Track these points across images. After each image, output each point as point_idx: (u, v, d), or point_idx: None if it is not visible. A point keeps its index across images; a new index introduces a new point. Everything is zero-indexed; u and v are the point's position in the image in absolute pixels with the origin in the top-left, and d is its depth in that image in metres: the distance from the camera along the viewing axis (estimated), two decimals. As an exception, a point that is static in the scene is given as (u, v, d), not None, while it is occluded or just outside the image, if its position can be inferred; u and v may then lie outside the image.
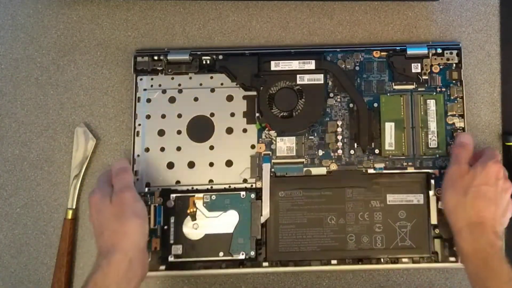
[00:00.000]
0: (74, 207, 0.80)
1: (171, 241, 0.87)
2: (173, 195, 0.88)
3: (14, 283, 0.81)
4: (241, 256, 0.86)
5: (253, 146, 0.91)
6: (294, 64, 0.93)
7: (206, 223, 0.88)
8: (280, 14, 0.90)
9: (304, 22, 0.90)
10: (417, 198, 0.87)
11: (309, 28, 0.91)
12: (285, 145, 0.92)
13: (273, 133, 0.92)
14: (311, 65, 0.92)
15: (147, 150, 0.90)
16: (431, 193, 0.87)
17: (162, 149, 0.91)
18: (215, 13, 0.86)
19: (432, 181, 0.88)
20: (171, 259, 0.85)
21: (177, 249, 0.86)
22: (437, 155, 0.90)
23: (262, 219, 0.88)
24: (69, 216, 0.80)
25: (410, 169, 0.89)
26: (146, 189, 0.88)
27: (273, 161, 0.91)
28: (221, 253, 0.87)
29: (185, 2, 0.87)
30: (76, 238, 0.80)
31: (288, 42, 0.91)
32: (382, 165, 0.91)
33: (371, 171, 0.90)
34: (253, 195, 0.89)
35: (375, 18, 0.91)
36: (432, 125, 0.90)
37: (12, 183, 0.81)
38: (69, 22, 0.81)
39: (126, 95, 0.83)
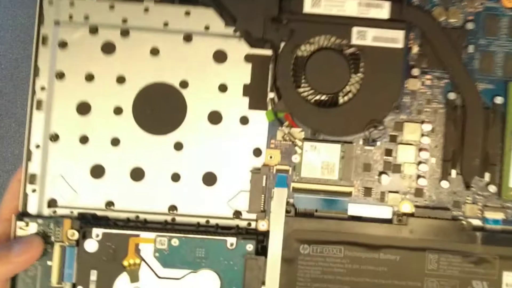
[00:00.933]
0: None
1: None
2: (98, 230, 0.58)
3: None
4: None
5: (257, 153, 0.59)
6: (350, 7, 0.57)
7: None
8: None
9: None
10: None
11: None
12: (320, 157, 0.59)
13: (298, 131, 0.59)
14: (382, 11, 0.57)
15: (54, 138, 0.60)
16: None
17: (84, 140, 0.59)
18: None
19: None
20: None
21: None
22: None
23: None
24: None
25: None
26: (48, 212, 0.59)
27: (294, 184, 0.59)
28: None
29: None
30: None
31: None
32: (500, 215, 0.59)
33: (477, 223, 0.59)
34: (250, 246, 0.58)
35: None
36: None
37: None
38: None
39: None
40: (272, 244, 0.57)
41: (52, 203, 0.59)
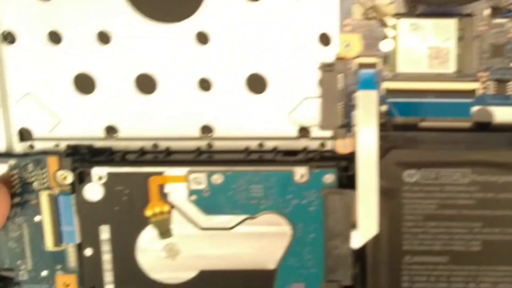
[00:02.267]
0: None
1: (108, 286, 0.43)
2: (100, 170, 0.41)
3: None
4: None
5: (326, 40, 0.40)
6: None
7: (201, 243, 0.42)
8: None
9: None
10: None
11: None
12: (425, 41, 0.40)
13: (386, 3, 0.40)
14: None
15: (10, 37, 0.42)
16: None
17: (55, 38, 0.41)
18: None
19: None
20: None
21: None
22: None
23: (359, 239, 0.41)
24: None
25: None
26: (22, 147, 0.42)
27: (386, 84, 0.41)
28: None
29: None
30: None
31: None
32: None
33: None
34: (329, 177, 0.41)
35: None
36: None
37: None
38: None
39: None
40: (362, 172, 0.40)
41: (25, 135, 0.43)
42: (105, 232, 0.42)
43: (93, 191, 0.41)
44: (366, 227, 0.41)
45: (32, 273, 0.43)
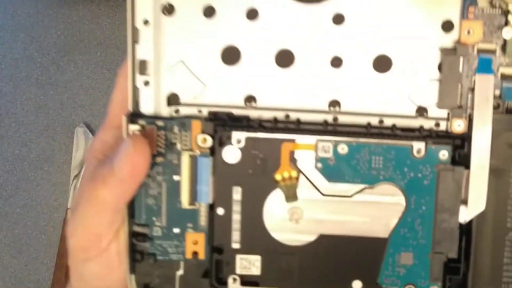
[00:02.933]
0: (74, 207, 0.66)
1: (235, 245, 0.45)
2: (240, 134, 0.44)
3: (14, 283, 0.88)
4: None
5: (448, 26, 0.44)
6: None
7: (322, 209, 0.44)
8: None
9: None
10: None
11: None
12: None
13: None
14: None
15: (169, 10, 0.44)
16: None
17: (210, 12, 0.44)
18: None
19: None
20: (233, 285, 0.45)
21: (250, 263, 0.45)
22: None
23: (467, 214, 0.43)
24: (69, 216, 0.64)
25: None
26: (169, 111, 0.45)
27: (503, 69, 0.43)
28: (357, 284, 0.45)
29: None
30: (77, 237, 0.69)
31: None
32: None
33: None
34: (445, 153, 0.44)
35: None
36: None
37: (12, 183, 0.90)
38: (69, 22, 0.91)
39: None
40: (475, 151, 0.43)
41: (172, 100, 0.46)
42: (237, 193, 0.44)
43: (231, 154, 0.44)
44: (474, 203, 0.43)
45: (165, 230, 0.45)
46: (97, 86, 0.92)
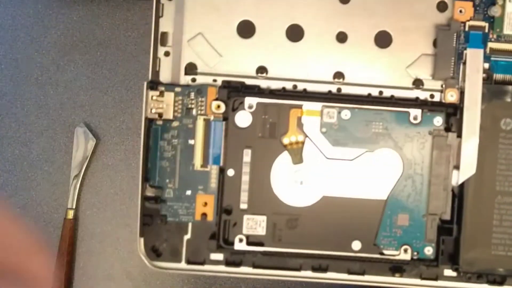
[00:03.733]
0: (74, 207, 0.77)
1: (243, 206, 0.48)
2: (252, 99, 0.48)
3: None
4: (403, 255, 0.48)
5: (443, 6, 0.49)
6: None
7: (326, 171, 0.48)
8: None
9: None
10: None
11: None
12: None
13: None
14: None
15: None
16: None
17: None
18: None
19: None
20: (239, 245, 0.48)
21: (256, 223, 0.49)
22: None
23: (459, 177, 0.47)
24: (69, 216, 0.78)
25: None
26: (186, 80, 0.50)
27: (491, 44, 0.49)
28: (356, 244, 0.48)
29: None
30: (76, 238, 0.77)
31: None
32: None
33: None
34: (439, 120, 0.48)
35: None
36: None
37: (12, 183, 0.83)
38: (69, 22, 0.83)
39: (126, 95, 0.74)
40: (467, 119, 0.47)
41: (190, 69, 0.49)
42: (247, 156, 0.48)
43: (243, 118, 0.48)
44: (466, 167, 0.47)
45: (177, 192, 0.48)
46: (97, 86, 0.89)
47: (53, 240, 0.82)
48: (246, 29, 0.49)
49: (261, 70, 0.49)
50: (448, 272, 0.48)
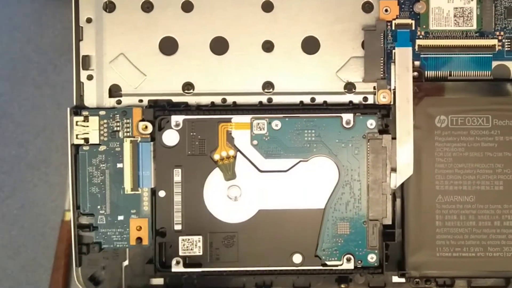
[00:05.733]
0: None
1: (177, 227, 0.48)
2: (178, 117, 0.47)
3: (12, 285, 0.85)
4: (347, 264, 0.48)
5: (368, 7, 0.48)
6: None
7: (260, 184, 0.47)
8: None
9: None
10: None
11: None
12: (451, 2, 0.48)
13: None
14: None
15: (110, 7, 0.49)
16: None
17: (148, 6, 0.49)
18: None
19: None
20: (176, 267, 0.48)
21: (192, 244, 0.48)
22: None
23: (396, 180, 0.47)
24: (67, 218, 0.83)
25: None
26: (111, 102, 0.49)
27: (419, 41, 0.48)
28: (297, 257, 0.48)
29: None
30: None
31: None
32: None
33: None
34: (372, 123, 0.47)
35: None
36: None
37: (9, 184, 0.86)
38: (66, 21, 0.85)
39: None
40: (400, 119, 0.46)
41: (115, 91, 0.48)
42: (177, 175, 0.47)
43: (170, 137, 0.47)
44: (403, 168, 0.46)
45: (109, 218, 0.47)
46: (95, 86, 0.91)
47: (51, 242, 0.84)
48: (168, 46, 0.48)
49: (188, 86, 0.48)
50: (396, 278, 0.48)
